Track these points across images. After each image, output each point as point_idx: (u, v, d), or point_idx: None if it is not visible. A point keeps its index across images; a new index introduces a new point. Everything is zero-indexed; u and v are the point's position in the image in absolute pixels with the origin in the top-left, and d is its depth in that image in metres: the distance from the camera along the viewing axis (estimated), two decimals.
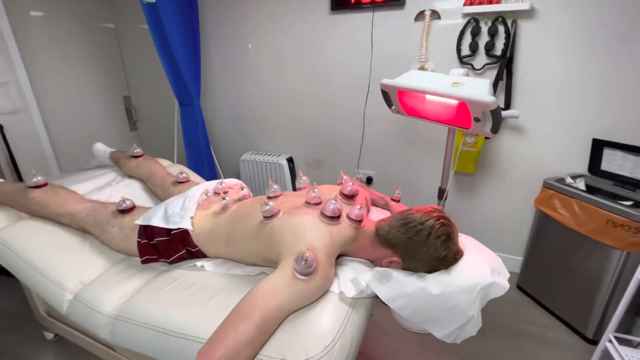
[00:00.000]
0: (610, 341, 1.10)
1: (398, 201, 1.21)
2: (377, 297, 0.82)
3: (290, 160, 2.28)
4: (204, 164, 2.23)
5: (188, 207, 1.05)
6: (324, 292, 0.78)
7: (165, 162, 1.63)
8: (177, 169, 1.54)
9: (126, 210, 1.08)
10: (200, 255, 1.03)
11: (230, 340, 0.64)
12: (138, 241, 1.03)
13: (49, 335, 1.44)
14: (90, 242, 1.13)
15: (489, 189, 1.87)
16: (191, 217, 1.03)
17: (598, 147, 1.50)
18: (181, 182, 1.30)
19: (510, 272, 2.02)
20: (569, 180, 1.54)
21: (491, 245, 2.13)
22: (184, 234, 1.01)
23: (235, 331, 0.65)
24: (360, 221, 0.88)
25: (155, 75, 2.40)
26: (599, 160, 1.51)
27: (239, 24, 2.15)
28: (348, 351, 0.70)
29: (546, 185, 1.58)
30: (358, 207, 0.88)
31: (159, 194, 1.35)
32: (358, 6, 1.80)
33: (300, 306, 0.74)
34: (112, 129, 2.62)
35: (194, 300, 0.86)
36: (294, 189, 2.27)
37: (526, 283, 1.78)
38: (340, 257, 0.91)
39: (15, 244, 1.05)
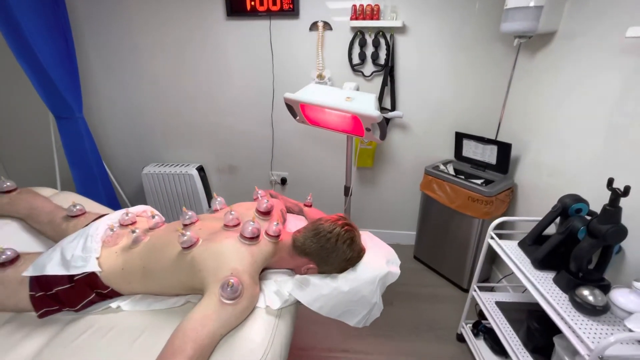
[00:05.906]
0: (475, 290, 1.47)
1: (310, 206, 1.33)
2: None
3: (200, 169, 2.20)
4: (98, 184, 1.98)
5: (92, 247, 0.97)
6: (251, 310, 0.85)
7: (47, 192, 1.41)
8: (66, 199, 1.34)
9: (7, 263, 0.93)
10: (114, 295, 0.97)
11: None
12: (31, 295, 0.91)
13: None
14: None
15: (386, 179, 2.18)
16: (97, 258, 0.96)
17: (459, 138, 1.90)
18: (75, 216, 1.16)
19: (407, 245, 2.36)
20: (441, 167, 1.91)
21: (391, 224, 2.46)
22: (90, 277, 0.93)
23: None
24: (278, 236, 0.96)
25: (21, 85, 1.97)
26: (460, 148, 1.92)
27: (121, 21, 1.92)
28: (279, 357, 0.79)
29: (426, 172, 1.93)
30: (275, 223, 0.96)
31: (47, 233, 1.18)
32: (254, 14, 1.82)
33: (230, 329, 0.80)
34: None
35: (117, 345, 0.82)
36: (209, 200, 2.20)
37: (420, 253, 2.16)
38: (263, 271, 0.99)
39: None
